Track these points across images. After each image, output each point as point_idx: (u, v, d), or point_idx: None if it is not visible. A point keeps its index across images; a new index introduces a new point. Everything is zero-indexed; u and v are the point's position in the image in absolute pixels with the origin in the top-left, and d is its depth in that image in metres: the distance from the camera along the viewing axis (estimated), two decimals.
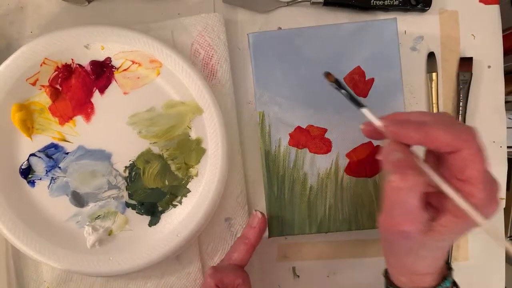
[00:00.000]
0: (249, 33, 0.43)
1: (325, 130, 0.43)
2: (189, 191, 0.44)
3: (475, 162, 0.29)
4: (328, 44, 0.43)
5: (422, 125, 0.30)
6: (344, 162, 0.43)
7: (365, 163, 0.43)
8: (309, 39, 0.43)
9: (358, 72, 0.43)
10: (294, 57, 0.43)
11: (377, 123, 0.32)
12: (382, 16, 0.48)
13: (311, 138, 0.43)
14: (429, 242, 0.32)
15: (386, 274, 0.37)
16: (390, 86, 0.43)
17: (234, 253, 0.41)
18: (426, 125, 0.30)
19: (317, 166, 0.43)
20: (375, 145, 0.43)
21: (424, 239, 0.31)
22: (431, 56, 0.47)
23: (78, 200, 0.43)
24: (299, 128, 0.43)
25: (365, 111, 0.34)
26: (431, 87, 0.47)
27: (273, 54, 0.43)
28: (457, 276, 0.49)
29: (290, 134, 0.44)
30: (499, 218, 0.47)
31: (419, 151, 0.33)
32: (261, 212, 0.42)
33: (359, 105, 0.34)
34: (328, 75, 0.36)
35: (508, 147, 0.48)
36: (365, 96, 0.43)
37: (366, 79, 0.43)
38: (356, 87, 0.43)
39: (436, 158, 0.33)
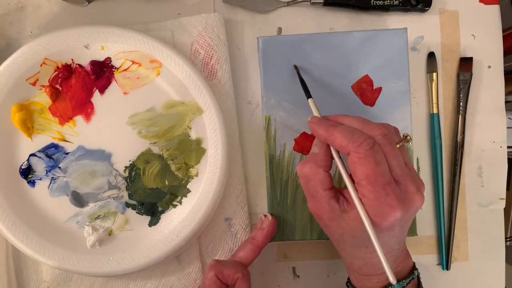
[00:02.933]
0: (259, 37, 0.43)
1: None
2: (189, 191, 0.44)
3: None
4: (337, 51, 0.43)
5: (332, 127, 0.33)
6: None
7: None
8: (318, 45, 0.43)
9: (366, 81, 0.43)
10: (303, 63, 0.43)
11: (312, 115, 0.37)
12: (382, 16, 0.48)
13: None
14: (347, 236, 0.34)
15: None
16: (397, 96, 0.43)
17: (240, 252, 0.41)
18: (336, 127, 0.33)
19: None
20: None
21: (339, 231, 0.34)
22: (431, 56, 0.47)
23: (78, 200, 0.43)
24: (304, 134, 0.43)
25: (310, 101, 0.38)
26: (431, 87, 0.47)
27: (282, 59, 0.43)
28: (457, 276, 0.49)
29: (295, 140, 0.43)
30: (498, 217, 0.47)
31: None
32: (272, 215, 0.43)
33: (308, 95, 0.39)
34: (295, 67, 0.42)
35: (508, 147, 0.48)
36: (372, 105, 0.43)
37: (374, 88, 0.43)
38: (363, 95, 0.43)
39: None
